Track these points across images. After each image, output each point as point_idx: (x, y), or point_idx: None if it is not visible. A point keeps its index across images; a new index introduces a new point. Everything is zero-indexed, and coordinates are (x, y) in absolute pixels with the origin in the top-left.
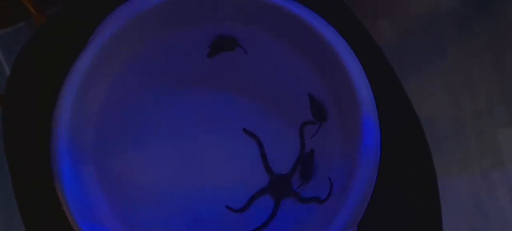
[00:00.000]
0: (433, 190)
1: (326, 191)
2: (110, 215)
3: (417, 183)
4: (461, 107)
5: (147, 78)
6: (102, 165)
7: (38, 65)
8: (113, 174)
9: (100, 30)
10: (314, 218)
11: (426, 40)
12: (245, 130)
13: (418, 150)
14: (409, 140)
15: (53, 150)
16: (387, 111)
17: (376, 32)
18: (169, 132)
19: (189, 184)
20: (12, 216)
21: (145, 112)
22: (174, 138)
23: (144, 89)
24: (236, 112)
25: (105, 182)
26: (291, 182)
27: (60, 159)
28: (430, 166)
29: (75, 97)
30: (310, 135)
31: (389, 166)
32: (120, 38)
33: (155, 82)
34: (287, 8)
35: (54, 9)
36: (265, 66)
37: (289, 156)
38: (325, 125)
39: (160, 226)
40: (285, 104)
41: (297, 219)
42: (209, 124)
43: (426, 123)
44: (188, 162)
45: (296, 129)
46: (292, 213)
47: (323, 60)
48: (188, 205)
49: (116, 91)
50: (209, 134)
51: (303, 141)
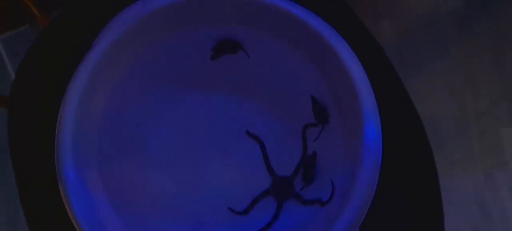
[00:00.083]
0: (434, 190)
1: (328, 193)
2: (113, 218)
3: (418, 183)
4: (463, 107)
5: (150, 81)
6: (106, 169)
7: (42, 68)
8: (116, 177)
9: (103, 34)
10: (317, 220)
11: (427, 40)
12: (248, 132)
13: (420, 150)
14: (411, 140)
15: (57, 154)
16: (388, 111)
17: (377, 32)
18: (172, 135)
19: (191, 186)
20: (16, 217)
21: (147, 115)
22: (177, 140)
23: (147, 92)
24: (239, 114)
25: (109, 186)
26: (293, 184)
27: (65, 163)
28: (431, 165)
29: (78, 101)
30: (313, 137)
31: (390, 166)
32: (123, 41)
33: (158, 85)
34: (289, 10)
35: (58, 12)
36: (268, 68)
37: (291, 158)
38: (327, 127)
39: (163, 229)
40: (287, 106)
41: (300, 221)
42: (212, 126)
43: (428, 123)
44: (190, 165)
45: (298, 131)
46: (295, 215)
47: (325, 63)
48: (191, 208)
49: (119, 94)
50: (212, 136)
51: (305, 143)
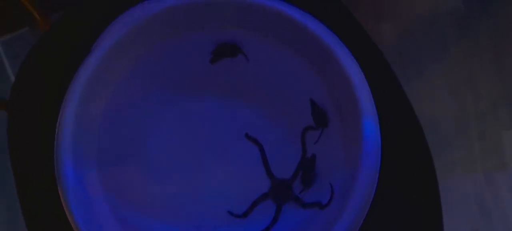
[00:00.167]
0: (433, 190)
1: (327, 197)
2: (112, 220)
3: (417, 183)
4: (463, 108)
5: (150, 83)
6: (105, 170)
7: (42, 71)
8: (116, 179)
9: (103, 38)
10: (316, 224)
11: (427, 40)
12: (247, 135)
13: (418, 151)
14: (409, 141)
15: (57, 155)
16: (386, 112)
17: (378, 33)
18: (171, 137)
19: (191, 189)
20: (16, 218)
21: (147, 117)
22: (176, 143)
23: (146, 95)
24: (238, 117)
25: (108, 187)
26: (292, 187)
27: (64, 164)
28: (430, 166)
29: (78, 104)
30: (312, 140)
31: (389, 166)
32: (123, 45)
33: (158, 88)
34: (288, 14)
35: (58, 15)
36: (267, 71)
37: (290, 161)
38: (327, 130)
39: None
40: (286, 109)
41: (299, 224)
42: (211, 129)
43: (428, 123)
44: (190, 167)
45: (297, 134)
46: (294, 218)
47: (324, 66)
48: (190, 210)
49: (119, 97)
50: (211, 139)
51: (304, 146)
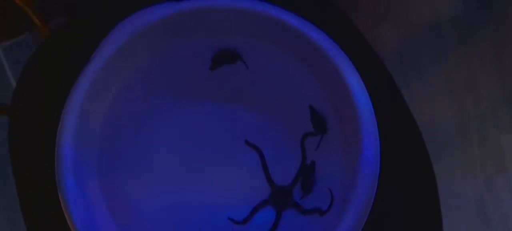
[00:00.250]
0: (432, 190)
1: (327, 203)
2: (112, 227)
3: (416, 183)
4: (464, 112)
5: (149, 91)
6: (106, 178)
7: (43, 77)
8: (116, 186)
9: (103, 45)
10: (315, 230)
11: (428, 43)
12: (247, 142)
13: (416, 150)
14: (407, 141)
15: (57, 163)
16: (384, 114)
17: (378, 36)
18: (171, 144)
19: (191, 195)
20: (17, 224)
21: (147, 125)
22: (176, 149)
23: (146, 102)
24: (238, 124)
25: (109, 195)
26: (292, 194)
27: (65, 172)
28: (428, 166)
29: (79, 111)
30: (311, 146)
31: (388, 166)
32: (123, 52)
33: (158, 95)
34: (287, 22)
35: (58, 20)
36: (267, 78)
37: (290, 168)
38: (326, 136)
39: None
40: (286, 116)
41: None
42: (211, 136)
43: (429, 126)
44: (190, 174)
45: (297, 141)
46: (294, 225)
47: (323, 73)
48: (190, 217)
49: (119, 104)
50: (211, 145)
51: (304, 153)
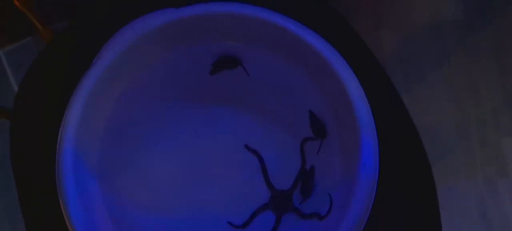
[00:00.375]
0: (430, 190)
1: (326, 207)
2: (112, 230)
3: (415, 183)
4: (465, 115)
5: (150, 95)
6: (106, 181)
7: (45, 82)
8: (117, 190)
9: (105, 50)
10: None
11: (428, 47)
12: (247, 146)
13: (415, 152)
14: (406, 143)
15: (58, 167)
16: (383, 115)
17: (378, 41)
18: (171, 148)
19: (191, 199)
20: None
21: (147, 129)
22: (176, 154)
23: (147, 106)
24: (238, 128)
25: (109, 198)
26: (292, 198)
27: (65, 176)
28: (426, 166)
29: (80, 116)
30: (311, 151)
31: (387, 167)
32: (124, 58)
33: (158, 99)
34: (286, 28)
35: (60, 25)
36: (267, 83)
37: (290, 172)
38: (326, 141)
39: None
40: (286, 120)
41: None
42: (211, 140)
43: (429, 130)
44: (190, 178)
45: (297, 145)
46: (293, 229)
47: (323, 79)
48: (190, 221)
49: (120, 109)
50: (211, 149)
51: (303, 157)
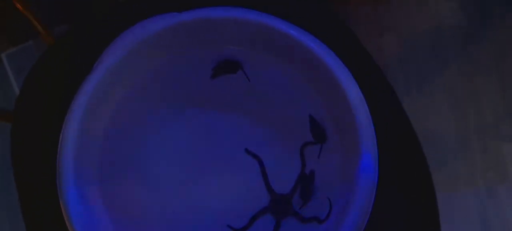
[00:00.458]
0: (429, 190)
1: (326, 212)
2: None
3: (414, 183)
4: (466, 121)
5: (151, 99)
6: (107, 184)
7: (46, 85)
8: (116, 193)
9: (105, 54)
10: None
11: (431, 55)
12: (247, 150)
13: (414, 153)
14: (405, 146)
15: (59, 170)
16: (383, 118)
17: (380, 47)
18: (172, 152)
19: (191, 203)
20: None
21: (148, 132)
22: (176, 157)
23: (147, 110)
24: (238, 132)
25: (109, 201)
26: (292, 202)
27: (66, 179)
28: (425, 167)
29: (80, 120)
30: (311, 155)
31: (387, 168)
32: (125, 62)
33: (159, 103)
34: (287, 33)
35: (61, 28)
36: (267, 87)
37: (290, 176)
38: (325, 145)
39: None
40: (286, 124)
41: None
42: (211, 144)
43: (431, 137)
44: (190, 182)
45: (297, 149)
46: None
47: (323, 84)
48: (190, 224)
49: (121, 113)
50: (211, 154)
51: (303, 161)
